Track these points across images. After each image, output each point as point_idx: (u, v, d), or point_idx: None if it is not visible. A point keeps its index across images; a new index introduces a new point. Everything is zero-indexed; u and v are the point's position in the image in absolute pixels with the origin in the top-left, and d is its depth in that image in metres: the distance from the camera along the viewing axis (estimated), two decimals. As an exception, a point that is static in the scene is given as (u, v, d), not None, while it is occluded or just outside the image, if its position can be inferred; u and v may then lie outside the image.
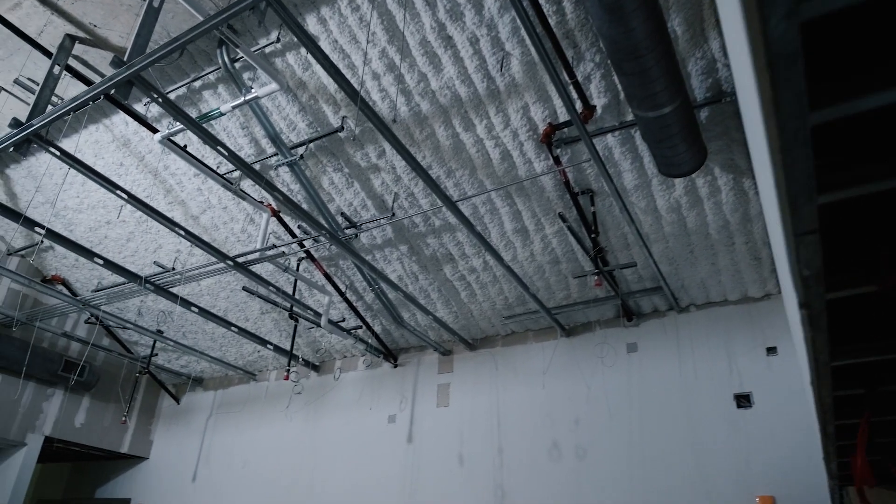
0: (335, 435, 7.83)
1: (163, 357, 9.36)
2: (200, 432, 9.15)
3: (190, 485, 8.79)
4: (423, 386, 7.46)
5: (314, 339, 8.25)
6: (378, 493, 7.10)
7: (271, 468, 8.16)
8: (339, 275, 7.11)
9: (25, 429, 8.14)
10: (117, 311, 8.44)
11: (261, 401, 8.82)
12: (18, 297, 8.32)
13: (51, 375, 8.27)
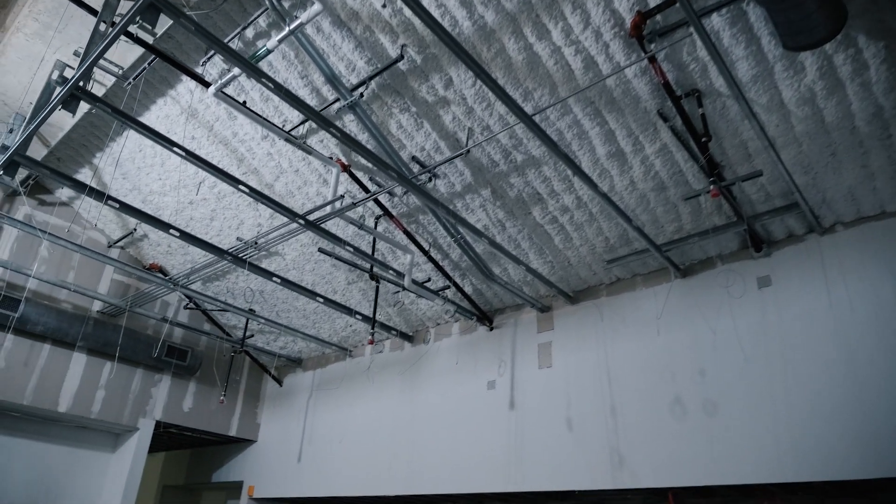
0: (433, 406, 7.35)
1: (261, 339, 9.32)
2: (303, 413, 9.02)
3: (295, 465, 8.67)
4: (523, 347, 6.79)
5: (405, 307, 7.81)
6: (481, 463, 6.53)
7: (371, 443, 7.82)
8: (420, 232, 6.59)
9: (137, 414, 8.33)
10: (212, 294, 8.44)
11: (357, 376, 8.53)
12: (121, 288, 8.53)
13: (156, 361, 8.42)
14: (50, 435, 8.15)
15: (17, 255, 7.77)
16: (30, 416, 7.89)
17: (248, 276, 8.24)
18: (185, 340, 9.02)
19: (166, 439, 10.05)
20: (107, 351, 8.08)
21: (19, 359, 7.49)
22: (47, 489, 7.95)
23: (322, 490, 8.12)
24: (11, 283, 7.65)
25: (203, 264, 7.26)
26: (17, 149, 5.13)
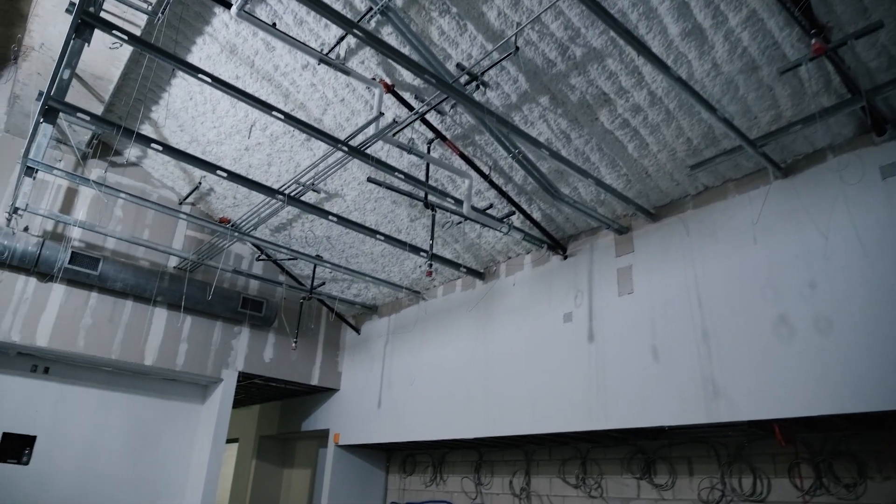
0: (508, 344, 6.89)
1: (335, 288, 9.19)
2: (380, 359, 8.85)
3: (376, 411, 8.56)
4: (600, 274, 6.14)
5: (472, 242, 7.33)
6: (560, 401, 6.02)
7: (447, 386, 7.51)
8: (478, 155, 6.04)
9: (220, 365, 8.47)
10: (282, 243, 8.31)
11: (431, 319, 8.21)
12: (195, 243, 8.60)
13: (233, 313, 8.49)
14: (143, 388, 8.46)
15: (94, 216, 7.97)
16: (121, 370, 8.21)
17: (314, 222, 8.05)
18: (261, 292, 9.05)
19: (255, 391, 10.30)
20: (186, 305, 8.21)
21: (104, 315, 7.73)
22: (143, 439, 8.29)
23: (401, 435, 7.95)
24: (91, 243, 7.87)
25: (259, 208, 7.07)
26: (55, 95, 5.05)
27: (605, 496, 6.34)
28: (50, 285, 7.47)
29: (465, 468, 8.18)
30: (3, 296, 7.13)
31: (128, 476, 8.05)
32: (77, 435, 7.84)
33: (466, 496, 8.01)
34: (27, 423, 7.56)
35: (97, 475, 7.85)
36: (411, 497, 8.88)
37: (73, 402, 7.91)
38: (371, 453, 9.45)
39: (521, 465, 7.41)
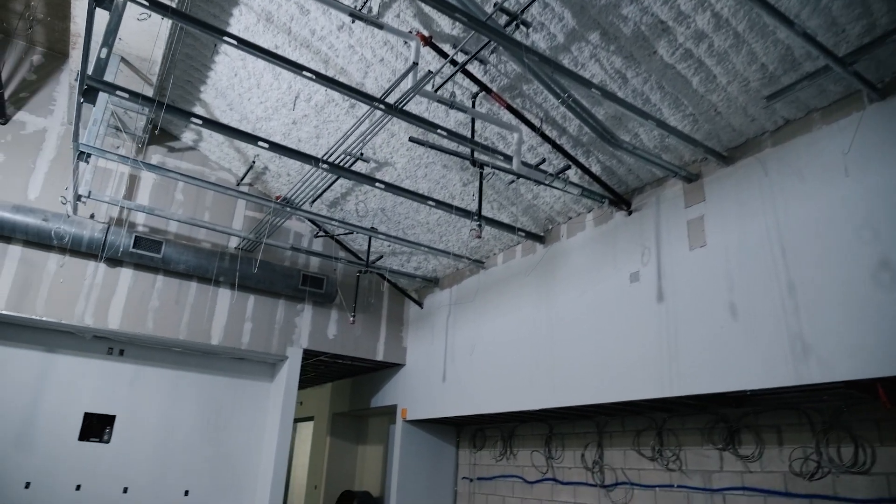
0: (571, 309, 6.47)
1: (395, 262, 9.02)
2: (443, 332, 8.62)
3: (440, 385, 8.35)
4: (669, 228, 5.60)
5: (529, 204, 6.92)
6: (629, 367, 5.57)
7: (511, 356, 7.18)
8: (527, 106, 5.61)
9: (284, 343, 8.50)
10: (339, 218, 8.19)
11: (492, 288, 7.88)
12: (254, 223, 8.63)
13: (295, 291, 8.48)
14: (213, 368, 8.64)
15: (155, 200, 8.12)
16: (190, 350, 8.39)
17: (367, 194, 7.87)
18: (321, 269, 9.01)
19: (325, 369, 10.35)
20: (248, 284, 8.27)
21: (171, 297, 7.89)
22: (216, 418, 8.47)
23: (466, 408, 7.71)
24: (154, 227, 8.04)
25: (308, 177, 6.94)
26: (94, 74, 5.04)
27: (685, 469, 5.86)
28: (118, 270, 7.69)
29: (536, 442, 7.85)
30: (75, 281, 7.39)
31: (202, 453, 8.26)
32: (152, 414, 8.09)
33: (537, 470, 7.70)
34: (106, 403, 7.86)
35: (173, 452, 8.09)
36: (482, 472, 8.66)
37: (148, 383, 8.16)
38: (441, 428, 9.29)
39: (593, 437, 7.01)
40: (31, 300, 7.14)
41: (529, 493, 7.72)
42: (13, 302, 7.05)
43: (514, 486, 8.00)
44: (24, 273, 7.17)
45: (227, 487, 8.28)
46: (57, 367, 7.69)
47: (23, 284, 7.13)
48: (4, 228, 6.95)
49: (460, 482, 9.09)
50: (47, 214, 7.13)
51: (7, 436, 7.26)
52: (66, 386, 7.69)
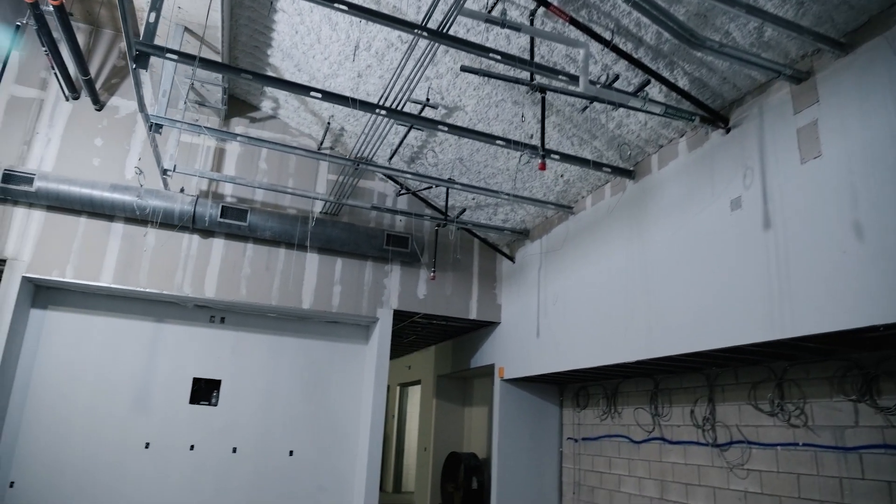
0: (666, 248, 5.72)
1: (482, 215, 8.60)
2: (535, 285, 8.12)
3: (535, 341, 7.88)
4: (775, 140, 4.70)
5: (612, 135, 6.19)
6: (733, 308, 4.79)
7: (604, 306, 6.56)
8: (594, 18, 4.91)
9: (374, 305, 8.42)
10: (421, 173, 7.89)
11: (582, 234, 7.24)
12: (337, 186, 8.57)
13: (381, 252, 8.35)
14: (310, 332, 8.77)
15: (241, 171, 8.28)
16: (284, 315, 8.56)
17: (443, 145, 7.50)
18: (408, 228, 8.80)
19: (425, 332, 10.23)
20: (333, 248, 8.25)
21: (261, 264, 8.05)
22: (315, 381, 8.61)
23: (560, 364, 7.20)
24: (242, 197, 8.21)
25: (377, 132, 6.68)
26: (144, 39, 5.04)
27: (811, 425, 5.00)
28: (210, 241, 7.94)
29: (641, 398, 7.20)
30: (172, 253, 7.72)
31: (304, 415, 8.45)
32: (255, 378, 8.37)
33: (642, 429, 7.06)
34: (212, 368, 8.23)
35: (276, 414, 8.33)
36: (586, 432, 8.14)
37: (248, 349, 8.44)
38: (542, 387, 8.85)
39: (703, 391, 6.25)
40: (134, 273, 7.56)
41: (636, 453, 7.10)
42: (119, 276, 7.50)
43: (619, 446, 7.41)
44: (127, 248, 7.60)
45: (330, 448, 8.43)
46: (166, 335, 8.15)
47: (127, 259, 7.56)
48: (105, 207, 7.36)
49: (565, 443, 8.63)
50: (141, 191, 7.47)
51: (127, 400, 7.82)
52: (175, 353, 8.13)
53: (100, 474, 7.51)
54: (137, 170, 7.25)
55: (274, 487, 8.09)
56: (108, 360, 7.84)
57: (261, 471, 8.09)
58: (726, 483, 5.76)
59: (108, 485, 7.52)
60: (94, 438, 7.59)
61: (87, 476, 7.46)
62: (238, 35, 7.16)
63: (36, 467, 7.34)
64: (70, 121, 7.79)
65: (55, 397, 7.57)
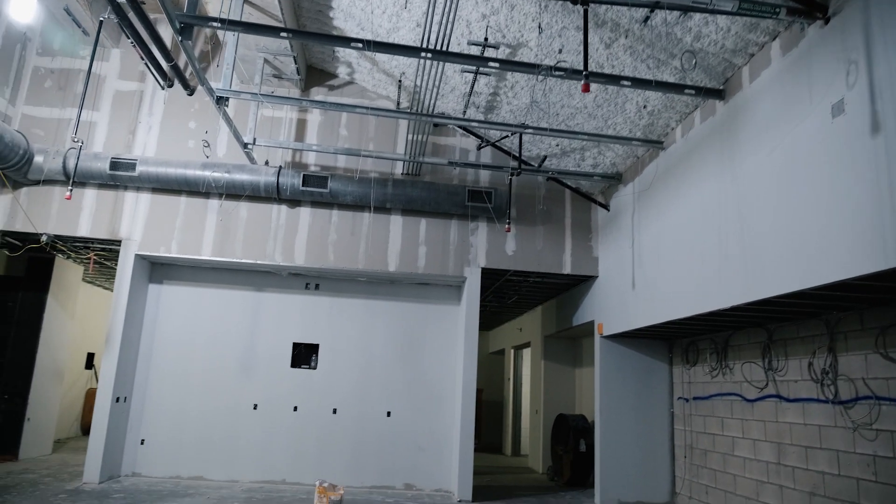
0: (759, 175, 4.88)
1: (569, 162, 8.00)
2: (629, 233, 7.42)
3: (631, 293, 7.23)
4: (885, 27, 3.74)
5: (697, 50, 5.36)
6: (836, 235, 3.95)
7: (697, 247, 5.80)
8: None
9: (461, 264, 8.20)
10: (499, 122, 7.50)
11: (673, 170, 6.45)
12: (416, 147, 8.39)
13: (465, 209, 8.08)
14: (401, 294, 8.76)
15: (322, 138, 8.37)
16: (373, 279, 8.60)
17: (514, 89, 7.02)
18: (492, 182, 8.43)
19: (523, 290, 9.85)
20: (415, 208, 8.12)
21: (346, 229, 8.13)
22: (410, 342, 8.61)
23: (655, 316, 6.52)
24: (325, 165, 8.31)
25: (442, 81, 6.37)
26: (188, 11, 5.14)
27: (953, 374, 4.04)
28: (298, 210, 8.14)
29: (753, 351, 6.35)
30: (262, 224, 8.02)
31: (400, 377, 8.49)
32: (350, 342, 8.53)
33: (754, 386, 6.23)
34: (310, 333, 8.51)
35: (372, 376, 8.46)
36: (697, 391, 7.38)
37: (343, 313, 8.62)
38: (649, 344, 8.16)
39: (823, 340, 5.33)
40: (230, 245, 7.96)
41: (750, 412, 6.29)
42: (217, 248, 7.93)
43: (732, 405, 6.62)
44: (222, 222, 8.00)
45: (426, 408, 8.41)
46: (266, 303, 8.54)
47: (223, 232, 7.97)
48: (199, 184, 7.78)
49: (675, 403, 7.91)
50: (229, 167, 7.80)
51: (235, 365, 8.32)
52: (276, 320, 8.50)
53: (215, 433, 8.10)
54: (204, 142, 7.59)
55: (373, 447, 8.25)
56: (216, 329, 8.39)
57: (360, 431, 8.28)
58: (851, 446, 4.89)
59: (223, 442, 8.09)
60: (209, 401, 8.18)
61: (204, 435, 8.08)
62: (300, 1, 7.15)
63: (161, 427, 8.07)
64: (167, 108, 8.31)
65: (174, 364, 8.25)
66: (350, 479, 8.10)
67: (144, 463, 7.97)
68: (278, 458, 8.09)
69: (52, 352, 9.26)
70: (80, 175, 7.66)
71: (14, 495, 6.35)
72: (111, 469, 7.63)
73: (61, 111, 8.08)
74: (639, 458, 7.80)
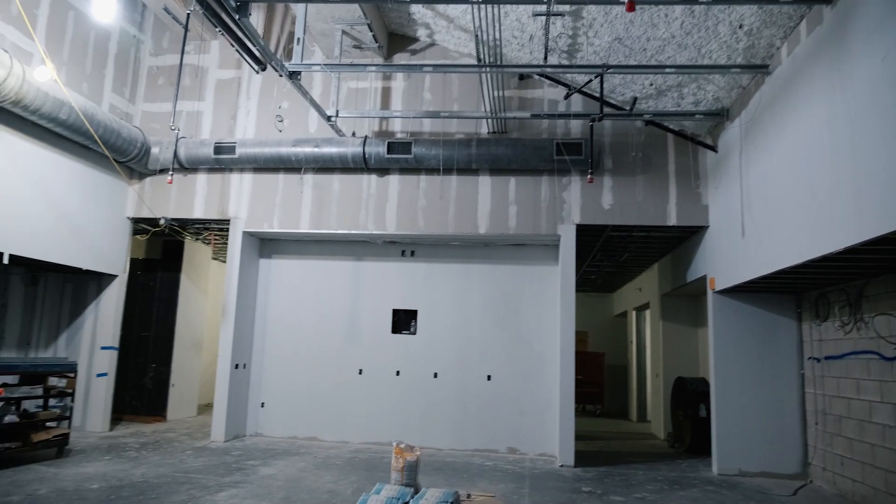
0: (872, 85, 4.03)
1: (667, 102, 7.26)
2: (737, 175, 6.59)
3: (740, 242, 6.44)
4: None
5: (787, -51, 4.53)
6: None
7: (805, 179, 4.98)
8: None
9: (554, 221, 7.80)
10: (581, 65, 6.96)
11: (781, 98, 5.57)
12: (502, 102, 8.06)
13: (556, 164, 7.65)
14: (498, 257, 8.56)
15: (407, 104, 8.32)
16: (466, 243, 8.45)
17: (594, 27, 6.46)
18: (584, 133, 7.88)
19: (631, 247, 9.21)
20: (502, 167, 7.84)
21: (434, 194, 8.05)
22: (508, 305, 8.41)
23: (764, 266, 5.74)
24: (412, 131, 8.27)
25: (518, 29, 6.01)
26: (241, -12, 5.25)
27: None
28: (387, 178, 8.20)
29: (891, 302, 5.39)
30: (354, 195, 8.19)
31: (499, 340, 8.34)
32: (448, 306, 8.51)
33: (891, 342, 5.29)
34: (408, 299, 8.61)
35: (471, 340, 8.38)
36: (829, 349, 6.45)
37: (440, 278, 8.60)
38: (773, 298, 7.26)
39: (973, 284, 4.37)
40: (325, 217, 8.23)
41: (889, 372, 5.37)
42: (314, 221, 8.24)
43: (868, 364, 5.70)
44: (317, 196, 8.29)
45: (528, 372, 8.20)
46: (365, 272, 8.76)
47: (318, 205, 8.25)
48: (293, 161, 8.09)
49: (805, 364, 6.99)
50: (318, 141, 8.02)
51: (341, 332, 8.66)
52: (375, 287, 8.70)
53: (325, 397, 8.51)
54: (278, 118, 7.83)
55: (475, 410, 8.21)
56: (321, 298, 8.77)
57: (461, 395, 8.28)
58: None
59: (333, 406, 8.49)
60: (318, 366, 8.61)
61: (316, 398, 8.53)
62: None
63: (278, 391, 8.64)
64: (262, 90, 8.70)
65: (286, 332, 8.76)
66: (453, 443, 8.15)
67: (266, 424, 8.60)
68: (384, 421, 8.34)
69: (189, 325, 10.24)
70: (189, 161, 8.29)
71: (151, 450, 7.13)
72: (236, 429, 8.32)
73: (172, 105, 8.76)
74: (762, 425, 7.03)
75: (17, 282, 8.35)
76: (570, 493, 5.89)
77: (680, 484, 6.48)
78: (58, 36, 7.47)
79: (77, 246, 7.74)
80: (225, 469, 6.31)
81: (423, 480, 6.06)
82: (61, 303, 8.77)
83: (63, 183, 7.52)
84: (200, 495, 5.19)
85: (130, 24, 8.67)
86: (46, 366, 6.55)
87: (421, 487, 5.15)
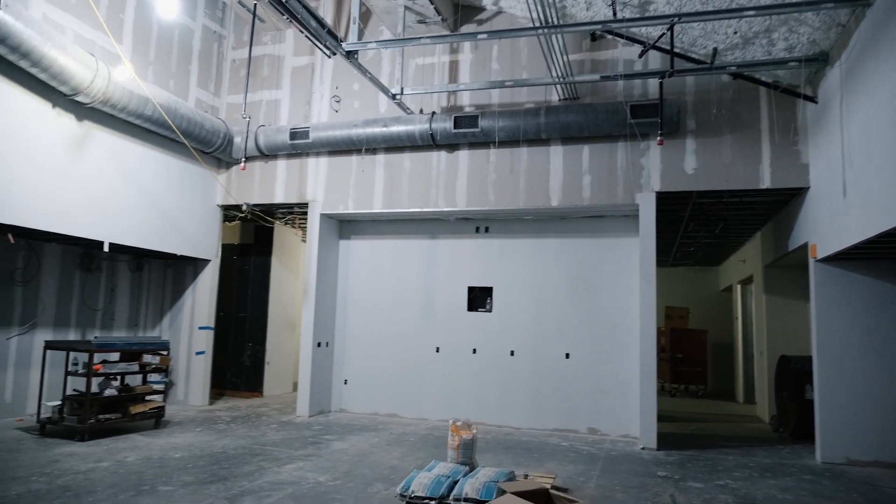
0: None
1: (756, 51, 6.53)
2: (837, 126, 5.80)
3: (841, 202, 5.68)
4: None
5: None
6: None
7: None
8: None
9: (631, 190, 7.32)
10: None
11: (880, 30, 4.81)
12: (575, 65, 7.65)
13: (631, 128, 7.16)
14: (575, 230, 8.19)
15: (475, 76, 8.12)
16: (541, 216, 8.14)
17: (663, -26, 5.92)
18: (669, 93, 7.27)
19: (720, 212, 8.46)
20: (574, 135, 7.45)
21: (504, 167, 7.83)
22: (586, 281, 8.04)
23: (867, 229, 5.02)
24: (480, 104, 8.07)
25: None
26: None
27: None
28: (456, 154, 8.07)
29: None
30: (424, 172, 8.14)
31: (576, 317, 8.00)
32: (523, 283, 8.28)
33: None
34: (483, 276, 8.47)
35: (548, 318, 8.11)
36: (955, 322, 5.58)
37: (514, 254, 8.38)
38: (884, 267, 6.41)
39: None
40: (397, 197, 8.25)
41: None
42: (386, 201, 8.29)
43: None
44: (389, 176, 8.32)
45: (608, 350, 7.81)
46: (441, 250, 8.71)
47: (390, 185, 8.29)
48: (363, 142, 8.17)
49: (928, 340, 6.11)
50: (387, 120, 8.03)
51: (417, 311, 8.69)
52: (450, 265, 8.63)
53: (404, 374, 8.61)
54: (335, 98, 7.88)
55: (553, 389, 7.96)
56: (398, 277, 8.84)
57: (539, 373, 8.05)
58: None
59: (412, 383, 8.56)
60: (397, 343, 8.71)
61: (395, 376, 8.65)
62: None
63: (360, 368, 8.85)
64: (334, 74, 8.82)
65: (365, 311, 8.93)
66: (531, 422, 7.96)
67: (349, 400, 8.85)
68: (461, 399, 8.30)
69: (281, 305, 10.73)
70: (269, 148, 8.61)
71: (239, 424, 7.56)
72: (320, 405, 8.63)
73: (253, 95, 9.10)
74: (874, 408, 6.25)
75: (124, 268, 9.11)
76: (642, 476, 5.54)
77: (773, 472, 5.91)
78: (144, 38, 7.96)
79: (171, 234, 8.30)
80: (301, 443, 6.55)
81: (491, 459, 5.98)
82: (164, 286, 9.49)
83: (156, 175, 8.06)
84: (269, 466, 5.41)
85: (212, 20, 9.08)
86: (141, 344, 7.10)
87: (476, 465, 5.05)
